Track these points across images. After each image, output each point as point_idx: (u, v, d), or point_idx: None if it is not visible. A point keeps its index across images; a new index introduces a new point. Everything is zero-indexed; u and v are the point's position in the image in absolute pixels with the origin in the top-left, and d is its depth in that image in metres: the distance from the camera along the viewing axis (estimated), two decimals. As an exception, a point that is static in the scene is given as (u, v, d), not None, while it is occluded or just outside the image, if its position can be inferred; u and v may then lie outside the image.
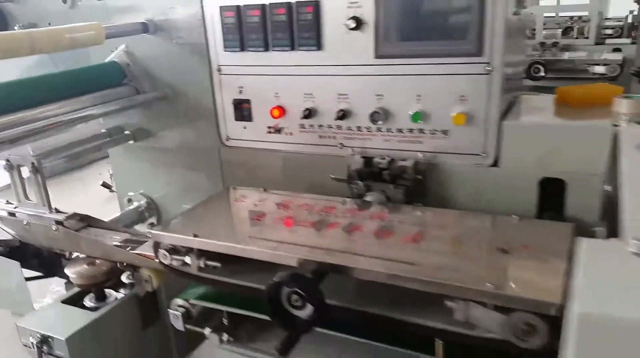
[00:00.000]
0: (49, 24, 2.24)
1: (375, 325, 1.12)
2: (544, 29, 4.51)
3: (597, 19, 3.64)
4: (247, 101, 1.65)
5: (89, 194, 3.00)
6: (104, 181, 2.33)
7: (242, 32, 1.56)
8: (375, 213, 1.35)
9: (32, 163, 1.64)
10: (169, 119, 1.91)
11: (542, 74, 3.37)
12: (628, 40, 3.46)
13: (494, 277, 0.98)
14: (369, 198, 1.45)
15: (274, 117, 1.61)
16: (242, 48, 1.58)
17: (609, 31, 4.91)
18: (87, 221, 1.70)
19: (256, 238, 1.24)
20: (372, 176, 1.47)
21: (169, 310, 1.40)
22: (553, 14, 5.07)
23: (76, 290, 1.63)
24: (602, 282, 0.61)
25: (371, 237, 1.22)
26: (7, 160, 1.63)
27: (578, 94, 1.44)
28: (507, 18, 1.29)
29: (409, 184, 1.44)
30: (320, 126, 1.57)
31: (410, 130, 1.45)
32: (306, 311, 1.06)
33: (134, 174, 2.08)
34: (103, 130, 2.01)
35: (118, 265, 1.59)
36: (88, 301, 1.60)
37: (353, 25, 1.40)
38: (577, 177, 1.28)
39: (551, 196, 1.34)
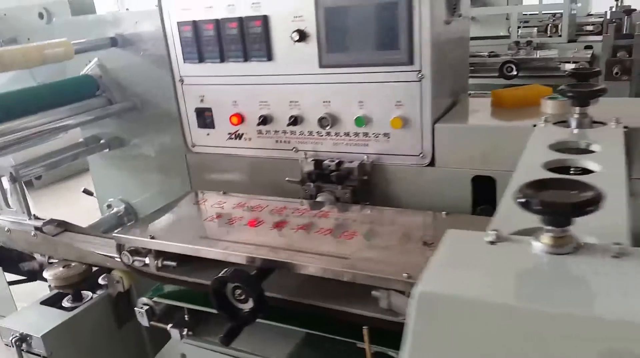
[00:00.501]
0: (28, 39, 2.36)
1: (311, 314, 1.23)
2: (525, 27, 4.60)
3: (568, 17, 3.72)
4: (209, 109, 1.76)
5: (84, 201, 3.12)
6: (85, 188, 2.44)
7: (200, 45, 1.67)
8: (323, 212, 1.46)
9: (11, 173, 1.76)
10: (140, 128, 2.02)
11: (515, 73, 3.46)
12: (599, 37, 3.54)
13: (411, 268, 1.09)
14: (319, 198, 1.56)
15: (233, 124, 1.72)
16: (201, 60, 1.69)
17: (590, 27, 4.99)
18: (65, 227, 1.81)
19: (209, 239, 1.35)
20: (322, 178, 1.57)
21: (134, 308, 1.51)
22: (536, 12, 5.15)
23: (55, 291, 1.75)
24: (448, 265, 0.71)
25: (314, 235, 1.33)
26: (-13, 171, 1.74)
27: (510, 97, 1.54)
28: (436, 29, 1.40)
29: (356, 185, 1.55)
30: (276, 131, 1.68)
31: (356, 134, 1.56)
32: (248, 304, 1.17)
33: (112, 181, 2.19)
34: (80, 139, 2.13)
35: (92, 267, 1.71)
36: (66, 302, 1.71)
37: (297, 37, 1.51)
38: (505, 174, 1.38)
39: (485, 192, 1.44)
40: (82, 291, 1.73)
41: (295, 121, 1.61)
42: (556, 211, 0.67)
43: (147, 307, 1.49)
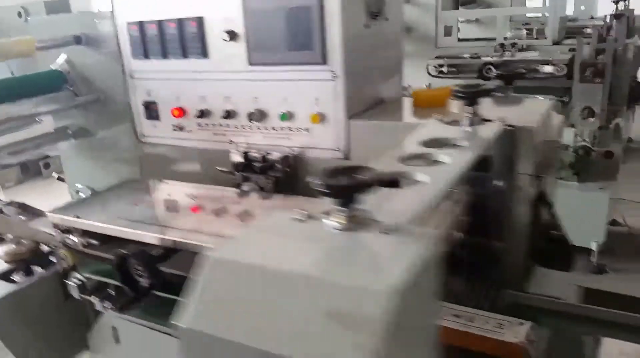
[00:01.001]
0: (10, 36, 2.53)
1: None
2: (527, 29, 4.63)
3: (553, 20, 3.75)
4: (155, 103, 1.88)
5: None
6: (58, 176, 2.59)
7: (145, 43, 1.80)
8: (241, 200, 1.57)
9: (-25, 158, 1.91)
10: (103, 120, 2.15)
11: (494, 74, 3.51)
12: (586, 40, 3.56)
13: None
14: (245, 187, 1.67)
15: (175, 116, 1.84)
16: (146, 56, 1.81)
17: (589, 31, 4.97)
18: (24, 209, 1.96)
19: (127, 220, 1.47)
20: (249, 169, 1.68)
21: (67, 281, 1.64)
22: (539, 15, 5.15)
23: (7, 267, 1.89)
24: (246, 236, 0.82)
25: (222, 219, 1.44)
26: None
27: (424, 97, 1.62)
28: (351, 32, 1.49)
29: (280, 176, 1.65)
30: (213, 124, 1.79)
31: (281, 128, 1.67)
32: (146, 279, 1.28)
33: (80, 169, 2.33)
34: (51, 130, 2.28)
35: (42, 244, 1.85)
36: (16, 276, 1.86)
37: (228, 38, 1.62)
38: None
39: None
40: (33, 267, 1.87)
41: (228, 114, 1.72)
42: (330, 193, 0.77)
43: (79, 281, 1.61)
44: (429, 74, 3.84)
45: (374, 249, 0.76)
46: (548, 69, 3.33)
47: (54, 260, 1.94)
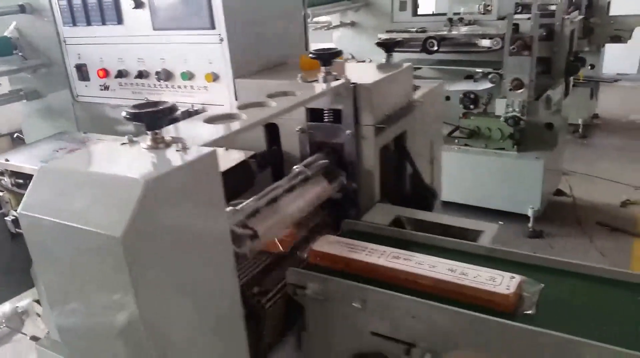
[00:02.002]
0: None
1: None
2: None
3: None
4: (85, 65, 2.13)
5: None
6: (17, 135, 2.86)
7: (72, 12, 2.04)
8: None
9: None
10: (50, 83, 2.40)
11: (436, 48, 3.71)
12: (527, 15, 3.73)
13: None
14: (153, 138, 1.92)
15: (100, 77, 2.09)
16: (74, 23, 2.06)
17: (553, 7, 5.12)
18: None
19: (42, 161, 1.73)
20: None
21: (5, 218, 1.91)
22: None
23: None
24: (78, 156, 1.09)
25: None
26: None
27: (306, 61, 1.85)
28: (234, 2, 1.72)
29: (183, 128, 1.89)
30: (131, 84, 2.04)
31: (185, 86, 1.91)
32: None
33: (35, 128, 2.59)
34: (6, 91, 2.53)
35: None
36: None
37: (134, 5, 1.86)
38: (285, 121, 1.71)
39: (274, 135, 1.77)
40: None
41: (141, 75, 1.97)
42: (129, 118, 1.02)
43: (14, 218, 1.88)
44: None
45: (157, 158, 1.01)
46: (485, 42, 3.52)
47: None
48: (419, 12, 4.52)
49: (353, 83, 1.57)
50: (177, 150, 1.03)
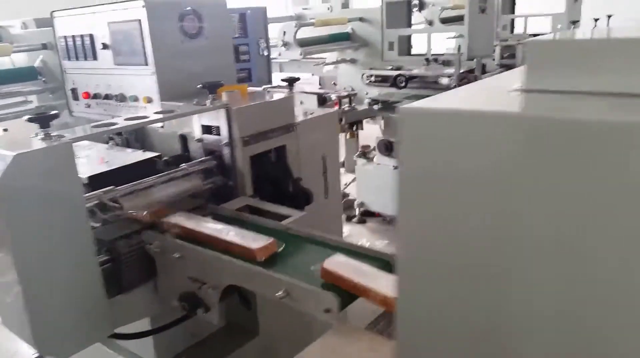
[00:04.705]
0: (11, 42, 3.64)
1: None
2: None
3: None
4: (76, 89, 2.86)
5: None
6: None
7: (68, 50, 2.78)
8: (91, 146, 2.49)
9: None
10: (62, 102, 3.17)
11: (403, 84, 4.19)
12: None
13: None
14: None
15: (84, 98, 2.80)
16: (69, 58, 2.80)
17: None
18: None
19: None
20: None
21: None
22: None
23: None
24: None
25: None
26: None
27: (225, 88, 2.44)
28: (162, 46, 2.37)
29: (129, 137, 2.55)
30: (102, 103, 2.73)
31: (132, 106, 2.57)
32: None
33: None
34: (33, 107, 3.34)
35: None
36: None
37: (102, 47, 2.56)
38: (189, 134, 2.32)
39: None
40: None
41: (107, 96, 2.66)
42: (32, 120, 1.67)
43: None
44: (364, 82, 4.61)
45: (35, 143, 1.64)
46: (444, 80, 3.97)
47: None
48: (413, 52, 5.02)
49: (227, 106, 2.15)
50: (52, 140, 1.66)
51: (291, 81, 2.50)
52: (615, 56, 0.81)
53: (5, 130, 3.58)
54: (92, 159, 2.28)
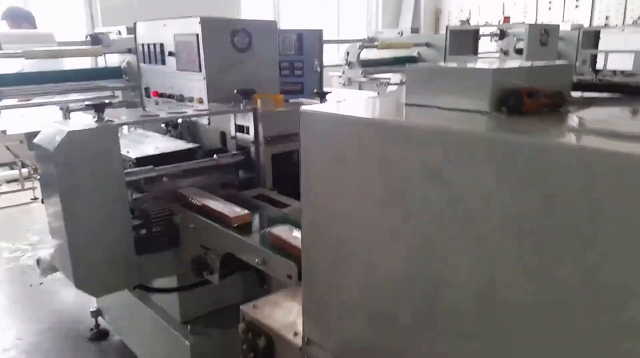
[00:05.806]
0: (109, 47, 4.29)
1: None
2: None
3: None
4: (148, 88, 3.39)
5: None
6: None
7: (144, 55, 3.31)
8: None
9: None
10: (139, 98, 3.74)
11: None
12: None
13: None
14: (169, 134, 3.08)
15: (154, 96, 3.32)
16: (144, 62, 3.33)
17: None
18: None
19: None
20: (174, 126, 3.08)
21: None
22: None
23: None
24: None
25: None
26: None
27: (260, 95, 2.84)
28: (213, 57, 2.81)
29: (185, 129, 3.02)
30: (167, 101, 3.23)
31: (189, 104, 3.04)
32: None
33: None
34: (121, 99, 3.95)
35: None
36: None
37: (168, 54, 3.05)
38: (228, 131, 2.74)
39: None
40: None
41: (171, 96, 3.15)
42: (88, 108, 2.16)
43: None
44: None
45: (88, 124, 2.10)
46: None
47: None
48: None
49: (254, 109, 2.54)
50: (102, 123, 2.12)
51: (322, 94, 2.86)
52: (449, 81, 1.09)
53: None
54: (145, 144, 2.75)
